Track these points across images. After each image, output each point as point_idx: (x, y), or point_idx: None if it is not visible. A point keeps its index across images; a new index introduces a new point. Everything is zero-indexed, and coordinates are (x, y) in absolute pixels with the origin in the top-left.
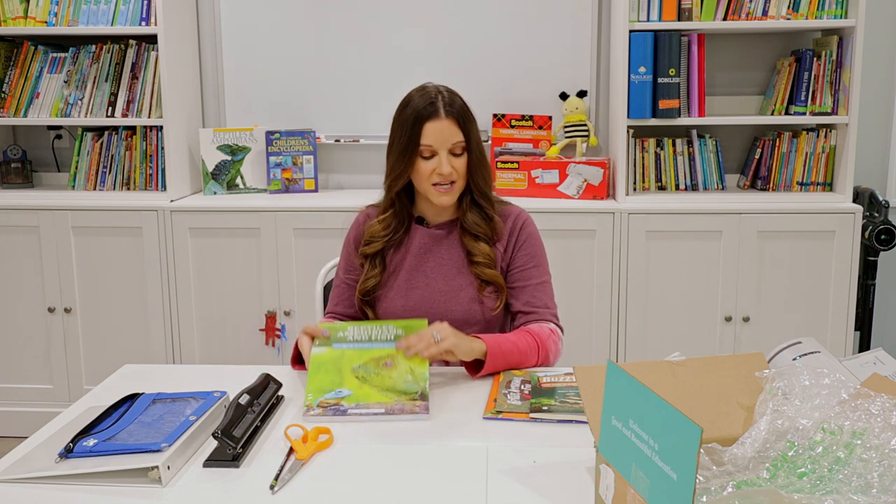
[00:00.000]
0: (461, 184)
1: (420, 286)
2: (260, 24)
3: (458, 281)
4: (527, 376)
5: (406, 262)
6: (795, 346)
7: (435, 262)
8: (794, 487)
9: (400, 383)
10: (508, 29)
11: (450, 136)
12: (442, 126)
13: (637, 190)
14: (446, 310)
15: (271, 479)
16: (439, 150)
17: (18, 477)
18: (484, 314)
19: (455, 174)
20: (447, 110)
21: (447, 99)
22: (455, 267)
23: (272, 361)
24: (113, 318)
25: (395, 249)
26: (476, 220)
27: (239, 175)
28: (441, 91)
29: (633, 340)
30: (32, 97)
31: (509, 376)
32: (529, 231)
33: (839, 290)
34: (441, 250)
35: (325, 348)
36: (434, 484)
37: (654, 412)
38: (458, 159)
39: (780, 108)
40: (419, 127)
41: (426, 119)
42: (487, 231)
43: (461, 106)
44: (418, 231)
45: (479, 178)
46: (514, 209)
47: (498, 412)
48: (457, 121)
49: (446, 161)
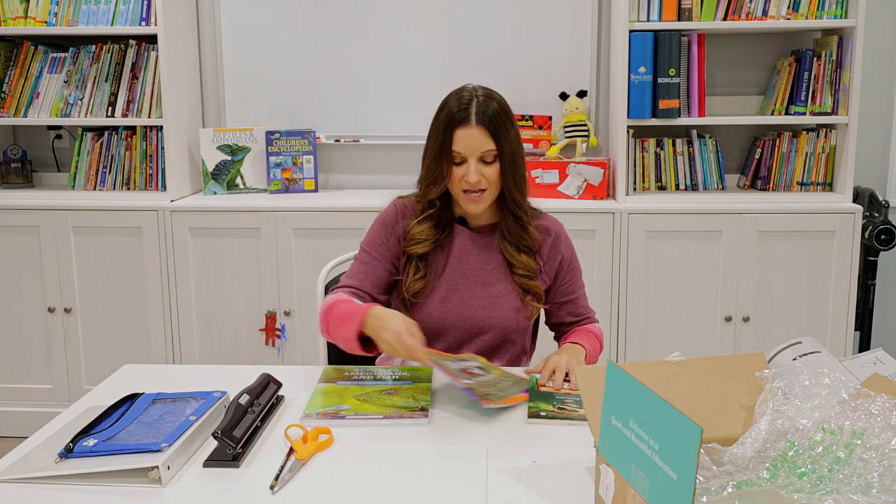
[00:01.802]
0: (492, 192)
1: (460, 289)
2: (260, 24)
3: (498, 287)
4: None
5: (449, 263)
6: (795, 346)
7: (475, 265)
8: (794, 487)
9: (401, 403)
10: (508, 29)
11: (480, 144)
12: (472, 134)
13: (637, 190)
14: (485, 315)
15: (271, 479)
16: (469, 157)
17: (18, 477)
18: (518, 323)
19: (485, 182)
20: (478, 117)
21: (481, 105)
22: (495, 273)
23: (272, 361)
24: (113, 318)
25: (438, 250)
26: (514, 229)
27: (239, 175)
28: (477, 95)
29: (633, 340)
30: (32, 97)
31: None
32: (570, 245)
33: (839, 290)
34: (483, 254)
35: (328, 384)
36: (434, 484)
37: (654, 412)
38: (488, 167)
39: (780, 108)
40: (450, 133)
41: (457, 125)
42: (529, 242)
43: (495, 112)
44: (461, 232)
45: (511, 186)
46: (553, 222)
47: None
48: (487, 128)
49: (475, 169)
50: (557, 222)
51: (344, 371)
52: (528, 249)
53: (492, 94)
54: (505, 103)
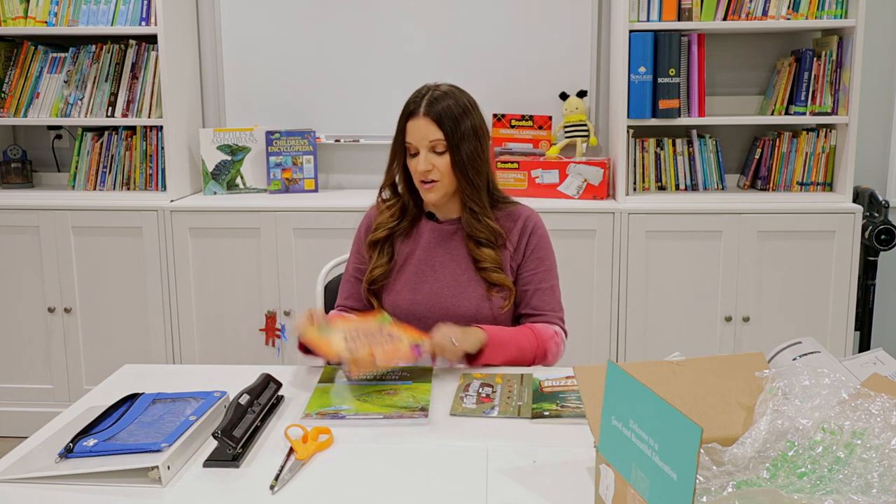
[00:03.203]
0: (446, 182)
1: (429, 281)
2: (260, 24)
3: (467, 277)
4: (487, 379)
5: (415, 255)
6: (795, 346)
7: (444, 257)
8: (794, 487)
9: (401, 403)
10: (508, 29)
11: (427, 133)
12: (420, 124)
13: (637, 190)
14: (455, 306)
15: (271, 479)
16: (419, 147)
17: (18, 477)
18: (493, 312)
19: (436, 172)
20: (426, 109)
21: (432, 97)
22: (463, 264)
23: (272, 361)
24: (113, 318)
25: (403, 240)
26: (471, 222)
27: (239, 175)
28: (433, 90)
29: (633, 340)
30: (32, 97)
31: (469, 379)
32: (539, 234)
33: (839, 290)
34: (450, 246)
35: (329, 383)
36: (434, 484)
37: (654, 412)
38: (439, 158)
39: (780, 108)
40: (403, 124)
41: (408, 117)
42: (489, 235)
43: (446, 105)
44: (428, 225)
45: (462, 179)
46: (524, 210)
47: (452, 415)
48: (434, 119)
49: (424, 159)
50: (530, 210)
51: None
52: (490, 242)
53: (452, 90)
54: (463, 99)
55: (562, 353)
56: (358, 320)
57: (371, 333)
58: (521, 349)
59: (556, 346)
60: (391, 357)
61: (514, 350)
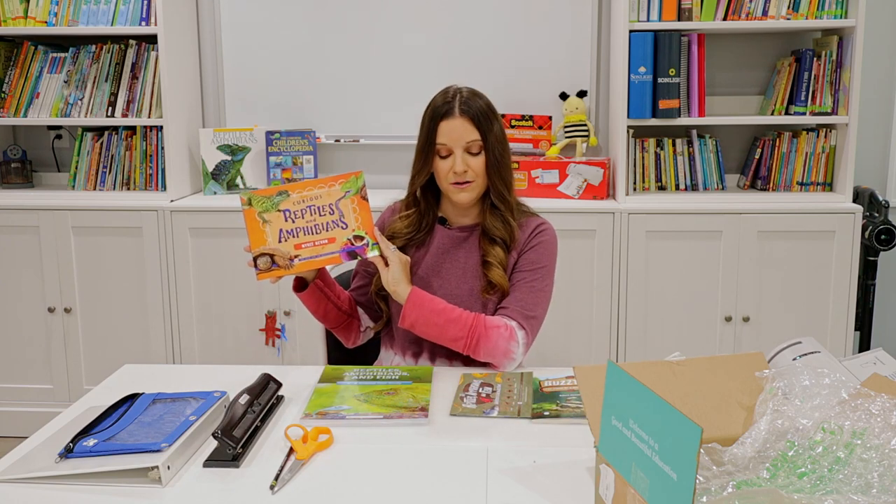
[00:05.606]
0: (480, 182)
1: (433, 286)
2: (260, 24)
3: (472, 284)
4: (487, 379)
5: (425, 261)
6: (795, 346)
7: (452, 264)
8: (794, 487)
9: (401, 403)
10: (508, 29)
11: (464, 134)
12: (456, 124)
13: (637, 190)
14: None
15: (271, 479)
16: (454, 148)
17: (18, 477)
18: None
19: (471, 173)
20: (462, 109)
21: (464, 98)
22: (470, 271)
23: (272, 361)
24: (113, 318)
25: (416, 248)
26: (496, 224)
27: (239, 175)
28: (461, 91)
29: (633, 340)
30: (32, 97)
31: (469, 379)
32: (542, 240)
33: (839, 290)
34: (459, 253)
35: (328, 384)
36: (434, 484)
37: (654, 412)
38: (474, 158)
39: (780, 108)
40: (435, 125)
41: (441, 117)
42: (506, 235)
43: (479, 107)
44: (439, 231)
45: (496, 179)
46: (537, 220)
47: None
48: (472, 119)
49: (461, 159)
50: (545, 221)
51: (344, 371)
52: (504, 243)
53: (477, 92)
54: (489, 102)
55: (513, 353)
56: (321, 185)
57: (321, 210)
58: (451, 322)
59: (503, 341)
60: (317, 255)
61: (441, 322)
